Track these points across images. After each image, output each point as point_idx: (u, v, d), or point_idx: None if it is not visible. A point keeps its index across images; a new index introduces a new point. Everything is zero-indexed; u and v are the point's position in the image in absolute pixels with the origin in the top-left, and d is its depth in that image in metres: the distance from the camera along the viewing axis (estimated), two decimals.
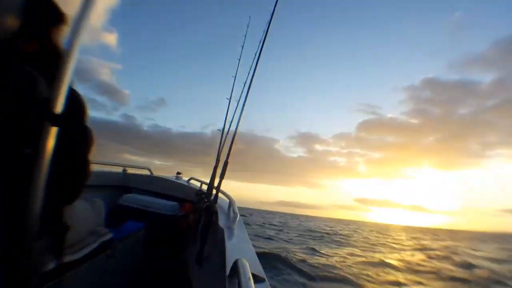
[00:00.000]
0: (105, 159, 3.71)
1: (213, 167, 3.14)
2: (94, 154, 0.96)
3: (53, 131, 0.62)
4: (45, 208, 0.63)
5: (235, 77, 3.25)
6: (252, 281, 0.76)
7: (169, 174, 4.74)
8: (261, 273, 1.09)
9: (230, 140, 2.50)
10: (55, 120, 0.61)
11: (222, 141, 3.27)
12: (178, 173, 4.69)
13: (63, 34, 0.78)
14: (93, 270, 1.41)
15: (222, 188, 2.50)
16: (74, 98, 0.84)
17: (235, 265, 0.90)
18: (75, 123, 0.82)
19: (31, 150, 0.57)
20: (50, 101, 0.61)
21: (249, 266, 0.88)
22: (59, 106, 0.63)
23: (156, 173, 4.34)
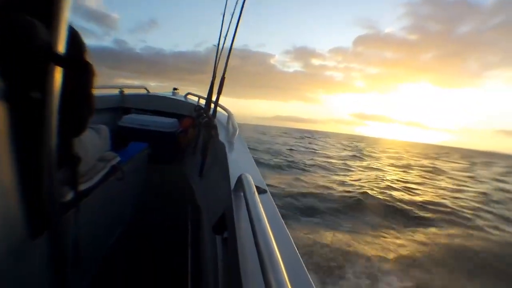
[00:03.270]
0: (100, 83, 3.64)
1: (209, 83, 3.15)
2: None
3: (59, 71, 0.65)
4: (57, 143, 0.70)
5: None
6: (257, 194, 0.80)
7: (166, 91, 4.74)
8: (263, 185, 1.15)
9: (226, 55, 2.46)
10: (59, 60, 0.63)
11: (218, 56, 3.20)
12: (175, 89, 4.67)
13: None
14: (107, 194, 1.48)
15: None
16: (73, 36, 0.84)
17: (240, 180, 0.96)
18: (77, 61, 0.83)
19: (40, 94, 0.62)
20: (51, 43, 0.62)
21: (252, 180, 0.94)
22: (61, 46, 0.64)
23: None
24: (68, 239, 1.00)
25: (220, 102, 2.60)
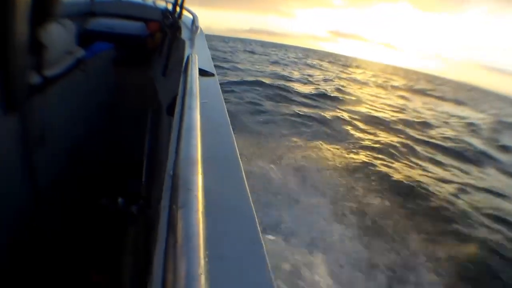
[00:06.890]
0: None
1: None
2: None
3: None
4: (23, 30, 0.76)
5: None
6: (197, 71, 0.85)
7: None
8: (211, 68, 1.20)
9: None
10: None
11: None
12: None
13: None
14: (70, 84, 1.55)
15: (186, 5, 2.60)
16: None
17: (187, 60, 1.02)
18: None
19: None
20: None
21: (200, 63, 0.98)
22: None
23: None
24: (37, 119, 1.09)
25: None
